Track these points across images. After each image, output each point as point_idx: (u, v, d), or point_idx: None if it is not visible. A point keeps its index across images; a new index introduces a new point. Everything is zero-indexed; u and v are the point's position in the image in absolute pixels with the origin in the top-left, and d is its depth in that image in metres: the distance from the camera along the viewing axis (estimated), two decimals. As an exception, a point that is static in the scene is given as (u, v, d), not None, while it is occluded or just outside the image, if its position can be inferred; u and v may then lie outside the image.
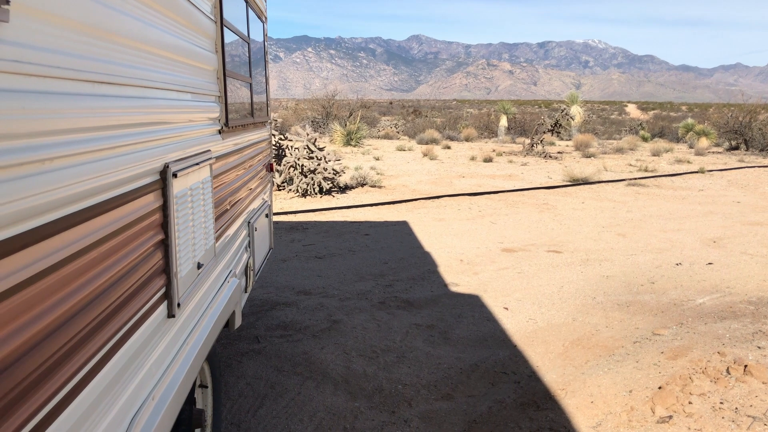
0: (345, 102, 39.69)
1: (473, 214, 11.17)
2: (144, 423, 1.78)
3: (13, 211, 1.12)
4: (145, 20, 1.95)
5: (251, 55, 4.42)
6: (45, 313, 1.26)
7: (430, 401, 4.10)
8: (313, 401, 4.06)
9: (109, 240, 1.60)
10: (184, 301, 2.31)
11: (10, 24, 1.11)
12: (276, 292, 6.37)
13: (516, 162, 20.60)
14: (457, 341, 5.11)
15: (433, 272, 7.22)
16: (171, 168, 2.12)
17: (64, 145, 1.33)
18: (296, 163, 13.03)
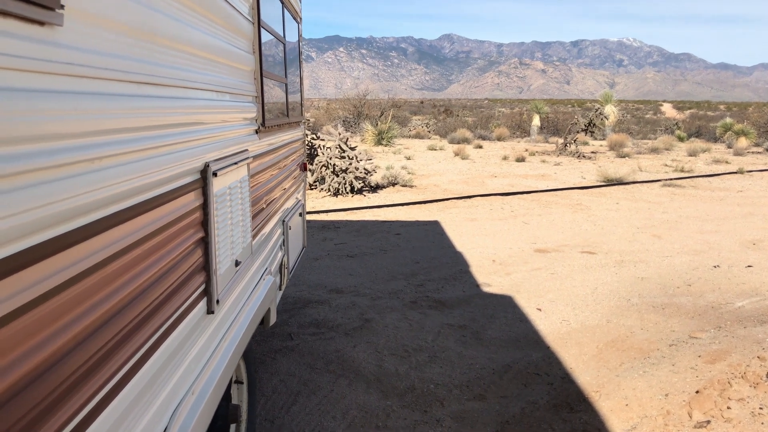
0: (376, 101, 39.78)
1: (506, 214, 11.11)
2: (184, 417, 1.81)
3: (67, 208, 1.16)
4: (186, 22, 1.99)
5: (286, 56, 4.47)
6: (93, 308, 1.30)
7: (463, 401, 4.09)
8: (345, 399, 4.09)
9: (153, 237, 1.64)
10: (223, 297, 2.35)
11: (64, 27, 1.15)
12: (308, 290, 6.42)
13: (549, 162, 20.41)
14: (489, 342, 5.09)
15: (465, 272, 7.20)
16: (211, 167, 2.16)
17: (111, 144, 1.36)
18: (328, 162, 13.10)
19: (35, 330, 1.07)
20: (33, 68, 1.06)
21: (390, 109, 34.55)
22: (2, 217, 0.95)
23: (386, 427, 3.77)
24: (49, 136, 1.10)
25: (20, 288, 1.02)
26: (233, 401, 3.09)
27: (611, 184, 15.04)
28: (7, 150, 0.97)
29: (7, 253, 0.97)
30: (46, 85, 1.10)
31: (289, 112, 4.57)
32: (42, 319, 1.10)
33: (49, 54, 1.11)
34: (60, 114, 1.14)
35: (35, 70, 1.07)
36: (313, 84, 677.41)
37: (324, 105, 48.51)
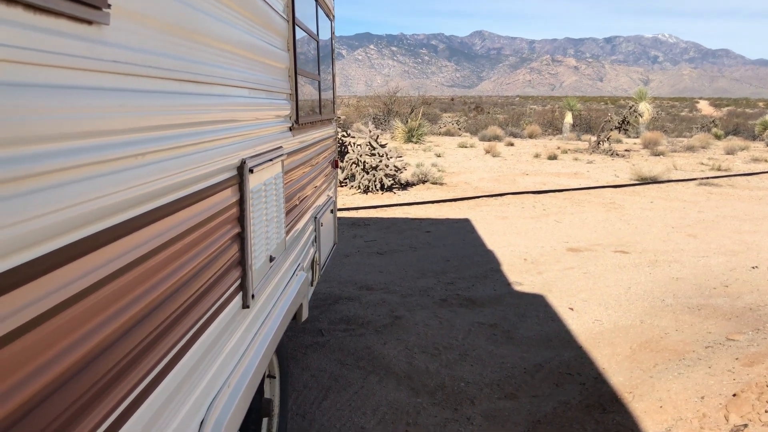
0: (406, 99, 39.69)
1: (537, 213, 11.02)
2: (221, 409, 1.84)
3: (113, 203, 1.19)
4: (225, 20, 2.02)
5: (319, 53, 4.49)
6: (135, 301, 1.33)
7: (493, 400, 4.08)
8: (376, 395, 4.11)
9: (193, 232, 1.66)
10: (258, 292, 2.38)
11: (111, 26, 1.18)
12: (339, 287, 6.46)
13: (582, 160, 20.17)
14: (520, 341, 5.06)
15: (496, 271, 7.17)
16: (247, 164, 2.19)
17: (153, 141, 1.39)
18: (358, 159, 13.14)
19: (80, 323, 1.10)
20: (82, 66, 1.09)
21: (420, 107, 34.47)
22: (54, 210, 0.98)
23: (416, 424, 3.78)
24: (96, 132, 1.13)
25: (70, 280, 1.05)
26: (266, 395, 3.13)
27: (645, 183, 14.81)
28: (59, 146, 1.00)
29: (58, 246, 1.00)
30: (93, 83, 1.13)
31: (321, 109, 4.59)
32: (87, 312, 1.12)
33: (96, 52, 1.14)
34: (106, 111, 1.17)
35: (84, 68, 1.10)
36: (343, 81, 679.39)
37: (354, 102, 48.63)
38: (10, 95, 0.88)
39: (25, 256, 0.92)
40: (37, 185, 0.94)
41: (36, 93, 0.95)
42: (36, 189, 0.94)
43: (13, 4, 0.89)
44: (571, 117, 32.46)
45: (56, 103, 1.01)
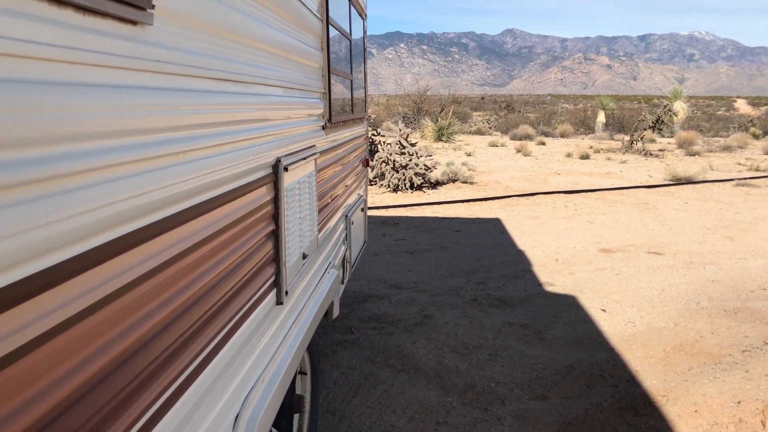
0: (436, 97, 39.59)
1: (569, 213, 10.90)
2: (255, 404, 1.87)
3: (156, 199, 1.21)
4: (262, 20, 2.04)
5: (352, 52, 4.51)
6: (176, 295, 1.35)
7: (524, 400, 4.05)
8: (405, 394, 4.11)
9: (230, 229, 1.69)
10: (291, 289, 2.40)
11: (154, 27, 1.20)
12: (368, 285, 6.48)
13: (614, 159, 19.90)
14: (551, 341, 5.02)
15: (527, 271, 7.11)
16: (282, 162, 2.21)
17: (194, 139, 1.42)
18: (388, 158, 13.15)
19: (122, 318, 1.12)
20: (126, 65, 1.11)
21: (450, 105, 34.35)
22: (98, 207, 1.01)
23: (446, 423, 3.78)
24: (139, 130, 1.15)
25: (113, 275, 1.07)
26: (297, 391, 3.15)
27: (680, 183, 14.55)
28: (105, 143, 1.03)
29: (102, 242, 1.03)
30: (137, 82, 1.16)
31: (353, 108, 4.61)
32: (128, 307, 1.14)
33: (139, 52, 1.16)
34: (149, 110, 1.20)
35: (128, 67, 1.12)
36: (373, 80, 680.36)
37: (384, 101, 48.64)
38: (62, 94, 0.91)
39: (72, 251, 0.94)
40: (84, 182, 0.97)
41: (84, 92, 0.98)
42: (82, 186, 0.96)
43: (63, 5, 0.91)
44: (604, 116, 32.02)
45: (102, 102, 1.03)
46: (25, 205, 0.82)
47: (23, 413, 0.82)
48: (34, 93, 0.85)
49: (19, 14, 0.81)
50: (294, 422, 3.05)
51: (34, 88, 0.85)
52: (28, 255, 0.83)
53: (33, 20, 0.84)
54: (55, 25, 0.89)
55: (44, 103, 0.87)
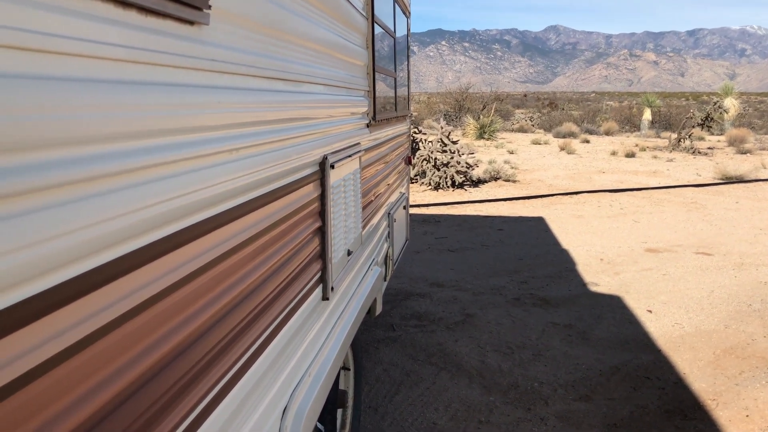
0: (478, 95, 39.34)
1: (614, 212, 10.71)
2: (302, 397, 1.90)
3: (209, 195, 1.24)
4: (310, 18, 2.07)
5: (396, 50, 4.52)
6: (228, 290, 1.38)
7: (568, 401, 4.01)
8: (447, 392, 4.11)
9: (279, 225, 1.72)
10: (336, 285, 2.43)
11: (210, 26, 1.23)
12: (410, 283, 6.48)
13: (661, 158, 19.45)
14: (596, 342, 4.95)
15: (571, 270, 7.02)
16: (329, 159, 2.23)
17: (247, 136, 1.45)
18: (429, 156, 13.12)
19: (171, 315, 1.12)
20: (184, 65, 1.15)
21: (492, 103, 34.08)
22: (159, 202, 1.04)
23: (489, 422, 3.76)
24: (197, 128, 1.18)
25: (172, 268, 1.10)
26: (341, 387, 3.18)
27: (730, 182, 14.13)
28: (166, 140, 1.06)
29: (162, 235, 1.06)
30: (194, 81, 1.19)
31: (396, 106, 4.62)
32: (179, 303, 1.15)
33: (196, 51, 1.19)
34: (205, 108, 1.23)
35: (186, 66, 1.15)
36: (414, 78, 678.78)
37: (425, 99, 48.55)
38: (127, 93, 0.94)
39: (135, 244, 0.97)
40: (147, 178, 1.00)
41: (146, 90, 1.01)
42: (145, 181, 0.99)
43: (128, 7, 0.94)
44: (650, 113, 31.32)
45: (163, 100, 1.06)
46: (95, 198, 0.85)
47: (74, 412, 0.82)
48: (102, 92, 0.88)
49: (87, 16, 0.85)
50: (337, 417, 3.09)
51: (102, 88, 0.88)
52: (90, 250, 0.85)
53: (100, 21, 0.87)
54: (119, 26, 0.93)
55: (111, 101, 0.90)
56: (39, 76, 0.75)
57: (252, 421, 1.54)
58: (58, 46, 0.78)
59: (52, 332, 0.78)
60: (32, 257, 0.73)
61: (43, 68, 0.76)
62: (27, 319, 0.73)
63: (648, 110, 31.38)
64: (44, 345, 0.76)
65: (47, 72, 0.77)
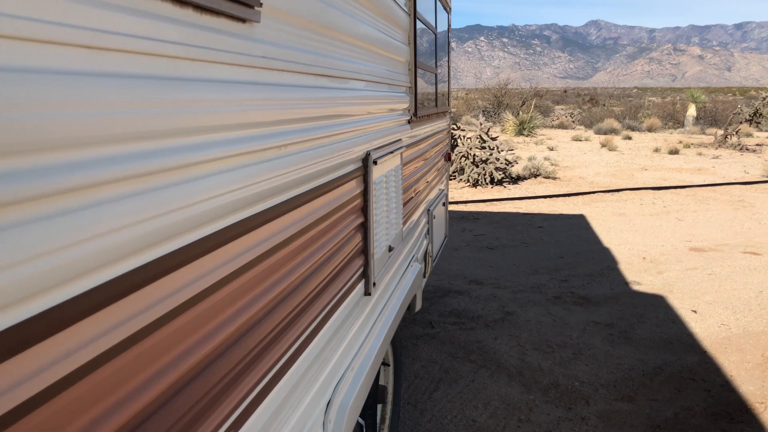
0: (517, 90, 38.92)
1: (657, 210, 10.49)
2: (346, 390, 1.92)
3: (257, 191, 1.26)
4: (354, 15, 2.07)
5: (437, 46, 4.51)
6: (275, 284, 1.40)
7: (610, 401, 3.95)
8: (487, 390, 4.09)
9: (324, 221, 1.73)
10: (378, 281, 2.44)
11: (261, 24, 1.25)
12: (448, 280, 6.46)
13: (706, 155, 18.97)
14: (639, 342, 4.86)
15: (613, 269, 6.91)
16: (372, 155, 2.24)
17: (294, 133, 1.46)
18: (468, 152, 13.05)
19: (220, 310, 1.13)
20: (236, 62, 1.16)
21: (532, 99, 33.69)
22: (211, 197, 1.06)
23: (529, 420, 3.73)
24: (249, 124, 1.20)
25: (226, 260, 1.12)
26: (381, 382, 3.20)
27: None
28: (219, 136, 1.08)
29: (215, 229, 1.08)
30: (245, 77, 1.21)
31: (437, 102, 4.61)
32: (228, 298, 1.16)
33: (248, 48, 1.21)
34: (256, 104, 1.25)
35: (237, 63, 1.17)
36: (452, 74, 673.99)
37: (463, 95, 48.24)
38: (182, 90, 0.96)
39: (187, 239, 0.99)
40: (199, 173, 1.02)
41: (200, 87, 1.03)
42: (198, 177, 1.01)
43: (184, 5, 0.96)
44: (695, 109, 30.53)
45: (216, 97, 1.08)
46: (155, 192, 0.87)
47: (119, 411, 0.81)
48: (160, 89, 0.90)
49: (148, 14, 0.87)
50: (377, 412, 3.10)
51: (160, 84, 0.90)
52: (145, 244, 0.87)
53: (159, 20, 0.90)
54: (177, 24, 0.95)
55: (168, 98, 0.92)
56: (103, 74, 0.77)
57: (297, 414, 1.56)
58: (120, 44, 0.81)
59: (105, 327, 0.79)
60: (90, 252, 0.75)
61: (106, 66, 0.78)
62: (84, 313, 0.74)
63: (693, 106, 30.61)
64: (97, 340, 0.77)
65: (110, 69, 0.79)
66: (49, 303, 0.69)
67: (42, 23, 0.67)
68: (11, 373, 0.64)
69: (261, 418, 1.33)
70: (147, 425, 0.88)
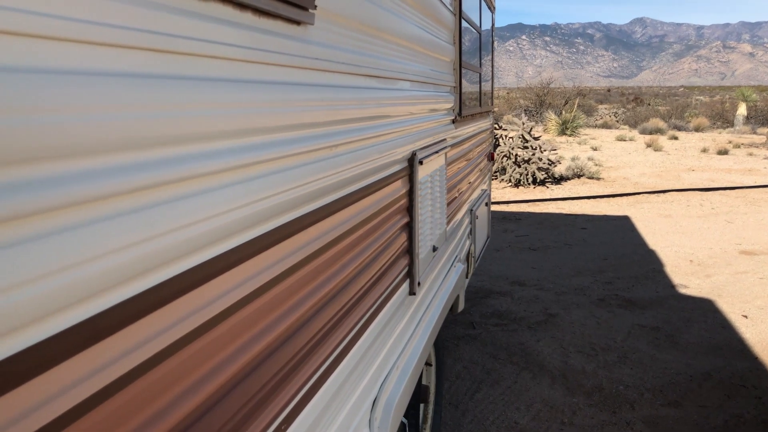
0: (560, 90, 38.41)
1: (705, 212, 10.23)
2: (391, 388, 1.93)
3: (310, 191, 1.28)
4: (402, 15, 2.09)
5: (481, 45, 4.49)
6: (325, 283, 1.42)
7: (656, 406, 3.87)
8: (529, 392, 4.06)
9: (371, 221, 1.75)
10: (423, 280, 2.44)
11: (315, 26, 1.27)
12: (490, 281, 6.42)
13: (757, 155, 18.40)
14: (686, 347, 4.75)
15: (659, 272, 6.76)
16: (417, 155, 2.25)
17: (345, 133, 1.48)
18: (510, 152, 12.94)
19: (270, 310, 1.14)
20: (291, 63, 1.19)
21: (575, 98, 33.21)
22: (269, 196, 1.08)
23: (572, 424, 3.69)
24: (303, 124, 1.23)
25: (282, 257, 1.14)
26: (423, 382, 3.20)
27: (835, 182, 13.21)
28: (275, 137, 1.10)
29: (270, 228, 1.10)
30: (300, 79, 1.23)
31: (480, 101, 4.59)
32: (278, 297, 1.17)
33: (302, 50, 1.23)
34: (311, 105, 1.27)
35: (293, 65, 1.19)
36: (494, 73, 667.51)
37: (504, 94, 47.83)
38: (241, 91, 0.99)
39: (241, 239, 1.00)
40: (257, 173, 1.04)
41: (258, 89, 1.05)
42: (256, 176, 1.04)
43: (244, 8, 0.99)
44: (745, 108, 29.66)
45: (272, 98, 1.11)
46: (216, 191, 0.90)
47: (174, 410, 0.82)
48: (221, 91, 0.93)
49: (210, 18, 0.89)
50: (420, 411, 3.11)
51: (221, 86, 0.93)
52: (202, 244, 0.88)
53: (220, 23, 0.92)
54: (237, 27, 0.97)
55: (228, 99, 0.95)
56: (172, 77, 0.80)
57: (344, 411, 1.58)
58: (186, 47, 0.83)
59: (163, 326, 0.79)
60: (157, 249, 0.77)
61: (175, 69, 0.81)
62: (142, 312, 0.75)
63: (743, 105, 29.74)
64: (154, 339, 0.78)
65: (178, 72, 0.82)
66: (119, 298, 0.71)
67: (114, 28, 0.70)
68: (83, 366, 0.66)
69: (310, 415, 1.35)
70: (200, 424, 0.89)
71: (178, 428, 0.84)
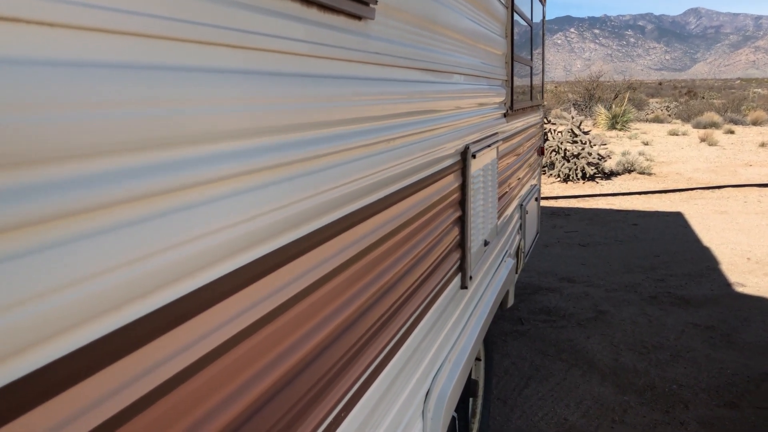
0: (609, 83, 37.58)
1: (763, 208, 9.89)
2: (444, 381, 1.94)
3: (368, 183, 1.30)
4: (456, 9, 2.09)
5: (532, 38, 4.44)
6: (380, 276, 1.43)
7: (711, 407, 3.78)
8: (579, 389, 4.01)
9: (426, 214, 1.76)
10: (474, 275, 2.44)
11: (375, 21, 1.29)
12: (538, 277, 6.36)
13: (819, 150, 17.68)
14: (743, 346, 4.62)
15: (713, 269, 6.58)
16: (470, 149, 2.25)
17: (401, 126, 1.50)
18: (558, 147, 12.75)
19: (325, 304, 1.14)
20: (352, 58, 1.21)
21: (625, 91, 32.46)
22: (331, 188, 1.10)
23: (623, 422, 3.63)
24: (363, 118, 1.25)
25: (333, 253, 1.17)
26: (473, 376, 3.20)
27: None
28: (339, 130, 1.13)
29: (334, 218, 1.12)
30: (361, 73, 1.25)
31: (531, 95, 4.55)
32: (334, 291, 1.17)
33: (363, 45, 1.25)
34: (370, 98, 1.29)
35: (354, 59, 1.21)
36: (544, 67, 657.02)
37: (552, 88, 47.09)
38: (309, 86, 1.01)
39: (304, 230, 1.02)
40: (322, 165, 1.07)
41: (321, 83, 1.08)
42: (322, 168, 1.06)
43: (310, 4, 1.01)
44: (807, 101, 28.46)
45: (335, 92, 1.13)
46: (284, 182, 0.92)
47: (223, 411, 0.81)
48: (290, 85, 0.95)
49: (280, 14, 0.92)
50: (469, 405, 3.11)
51: (289, 81, 0.95)
52: (268, 235, 0.89)
53: (290, 19, 0.95)
54: (304, 22, 1.00)
55: (296, 94, 0.97)
56: (242, 71, 0.83)
57: (399, 402, 1.60)
58: (254, 42, 0.86)
59: (212, 327, 0.78)
60: (209, 247, 0.76)
61: (244, 63, 0.83)
62: (189, 313, 0.74)
63: (804, 98, 28.53)
64: (203, 340, 0.77)
65: (246, 67, 0.84)
66: (162, 301, 0.69)
67: (195, 25, 0.73)
68: (125, 370, 0.64)
69: (368, 403, 1.37)
70: (250, 424, 0.88)
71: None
